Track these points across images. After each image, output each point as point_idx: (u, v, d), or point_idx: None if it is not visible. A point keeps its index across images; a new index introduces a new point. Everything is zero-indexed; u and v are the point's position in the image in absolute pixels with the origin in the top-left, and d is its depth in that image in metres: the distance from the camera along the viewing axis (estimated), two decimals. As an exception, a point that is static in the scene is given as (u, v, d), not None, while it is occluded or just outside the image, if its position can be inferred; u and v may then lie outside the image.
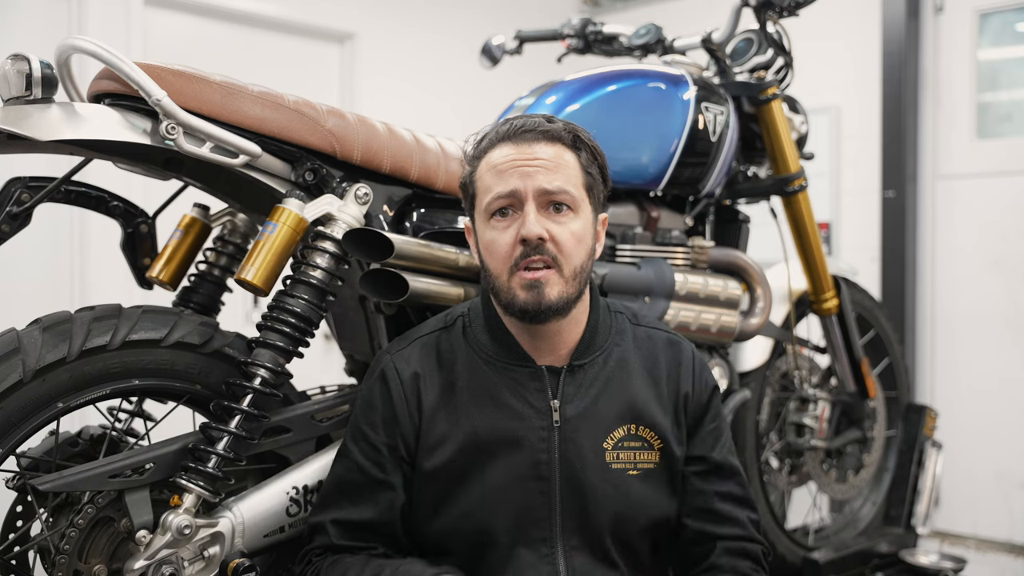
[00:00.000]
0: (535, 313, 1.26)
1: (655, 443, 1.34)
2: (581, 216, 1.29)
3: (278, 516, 1.38)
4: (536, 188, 1.26)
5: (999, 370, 3.44)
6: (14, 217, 1.33)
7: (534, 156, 1.27)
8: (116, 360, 1.31)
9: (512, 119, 1.33)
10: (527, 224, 1.24)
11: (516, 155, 1.27)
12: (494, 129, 1.33)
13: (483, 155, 1.32)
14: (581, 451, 1.29)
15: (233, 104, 1.33)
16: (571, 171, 1.29)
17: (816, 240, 2.18)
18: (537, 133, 1.28)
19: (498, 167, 1.28)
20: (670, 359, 1.39)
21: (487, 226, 1.30)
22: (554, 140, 1.29)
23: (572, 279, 1.27)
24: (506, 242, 1.27)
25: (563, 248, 1.26)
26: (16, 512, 1.37)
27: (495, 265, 1.29)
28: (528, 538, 1.29)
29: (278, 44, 3.64)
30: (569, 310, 1.29)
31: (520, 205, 1.27)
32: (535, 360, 1.32)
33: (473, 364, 1.33)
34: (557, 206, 1.27)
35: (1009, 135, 3.46)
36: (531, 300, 1.25)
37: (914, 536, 2.55)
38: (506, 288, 1.27)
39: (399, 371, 1.34)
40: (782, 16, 2.02)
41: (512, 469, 1.28)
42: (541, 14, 4.27)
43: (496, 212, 1.28)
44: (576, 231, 1.28)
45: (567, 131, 1.31)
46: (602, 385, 1.33)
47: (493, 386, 1.31)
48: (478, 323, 1.36)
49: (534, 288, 1.25)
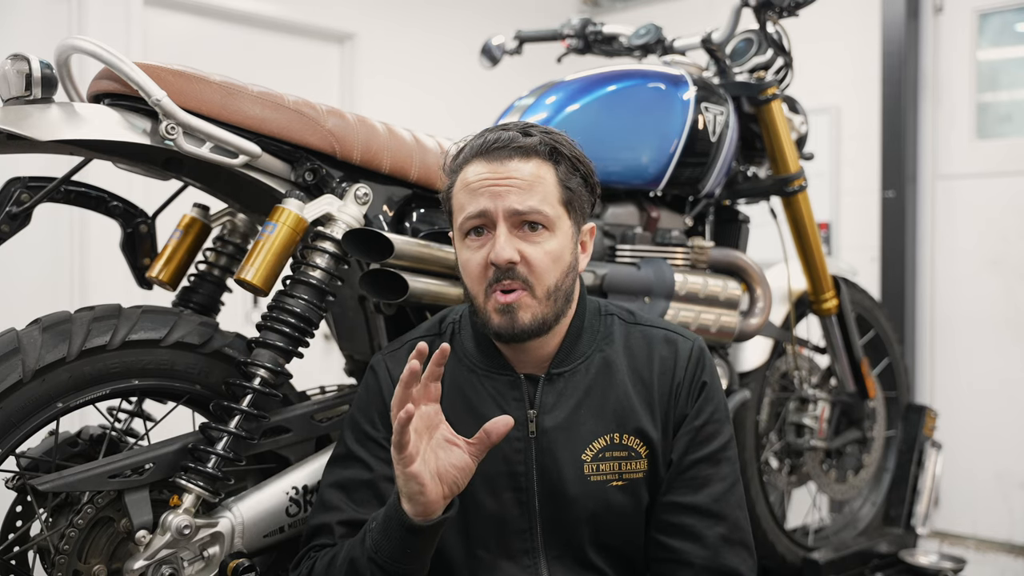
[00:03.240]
0: (509, 337, 1.24)
1: (642, 451, 1.28)
2: (558, 234, 1.25)
3: (278, 516, 1.38)
4: (507, 209, 1.21)
5: (999, 370, 3.44)
6: (14, 217, 1.33)
7: (507, 175, 1.22)
8: (116, 360, 1.31)
9: (488, 131, 1.28)
10: (496, 248, 1.21)
11: (488, 174, 1.23)
12: (469, 143, 1.28)
13: (459, 170, 1.27)
14: (558, 463, 1.26)
15: (233, 104, 1.33)
16: (547, 187, 1.24)
17: (816, 240, 2.18)
18: (511, 149, 1.23)
19: (471, 185, 1.24)
20: (665, 356, 1.32)
21: (462, 245, 1.27)
22: (529, 155, 1.24)
23: (546, 299, 1.23)
24: (478, 263, 1.23)
25: (535, 269, 1.22)
26: (16, 512, 1.37)
27: (471, 284, 1.26)
28: (509, 550, 1.27)
29: (278, 44, 3.64)
30: (547, 330, 1.26)
31: (492, 225, 1.22)
32: (516, 368, 1.30)
33: (457, 372, 1.32)
34: (532, 225, 1.22)
35: (1009, 135, 3.46)
36: (504, 324, 1.22)
37: (914, 536, 2.55)
38: (482, 309, 1.25)
39: (390, 370, 1.34)
40: (782, 16, 2.02)
41: (489, 481, 1.26)
42: (541, 14, 4.27)
43: (470, 231, 1.25)
44: (552, 250, 1.23)
45: (544, 144, 1.25)
46: (583, 394, 1.29)
47: (475, 395, 1.30)
48: (466, 331, 1.35)
49: (507, 312, 1.22)
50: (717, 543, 1.26)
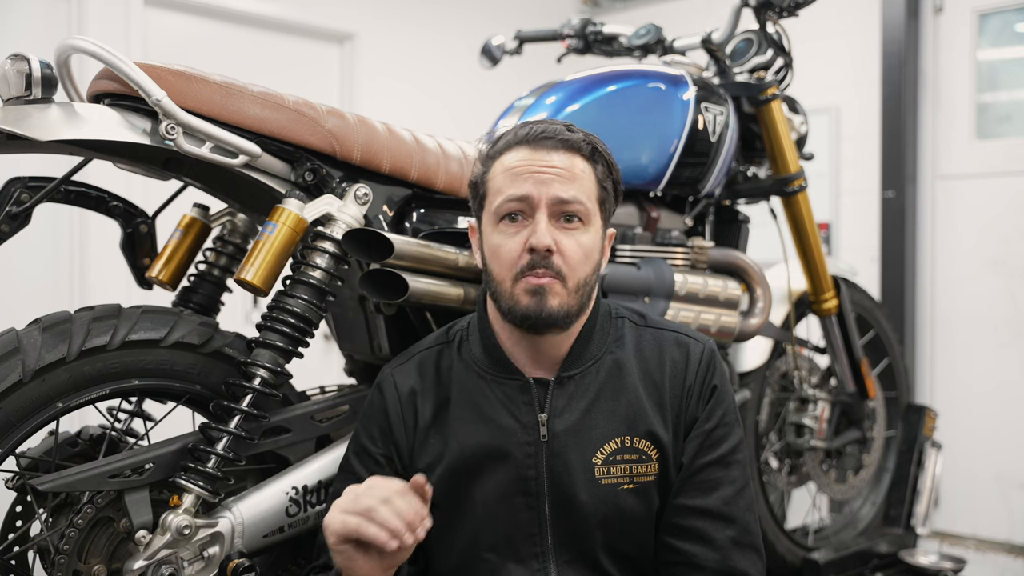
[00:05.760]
0: (535, 320, 1.22)
1: (653, 454, 1.27)
2: (591, 229, 1.26)
3: (278, 516, 1.38)
4: (550, 196, 1.22)
5: (999, 370, 3.44)
6: (14, 217, 1.33)
7: (551, 164, 1.23)
8: (116, 360, 1.31)
9: (532, 122, 1.29)
10: (537, 233, 1.21)
11: (532, 160, 1.23)
12: (512, 131, 1.28)
13: (498, 156, 1.27)
14: (569, 466, 1.25)
15: (233, 104, 1.33)
16: (586, 183, 1.25)
17: (816, 240, 2.18)
18: (556, 141, 1.24)
19: (513, 170, 1.24)
20: (676, 359, 1.32)
21: (495, 229, 1.26)
22: (573, 150, 1.25)
23: (575, 292, 1.24)
24: (513, 248, 1.23)
25: (569, 261, 1.23)
26: (16, 512, 1.38)
27: (499, 271, 1.25)
28: (519, 554, 1.26)
29: (278, 44, 3.64)
30: (569, 324, 1.26)
31: (531, 212, 1.23)
32: (525, 372, 1.29)
33: (466, 379, 1.31)
34: (568, 217, 1.23)
35: (1008, 135, 3.46)
36: (533, 307, 1.22)
37: (913, 536, 2.55)
38: (508, 293, 1.24)
39: (398, 386, 1.34)
40: (782, 16, 2.02)
41: (499, 485, 1.26)
42: (541, 14, 4.27)
43: (506, 216, 1.24)
44: (585, 244, 1.24)
45: (586, 142, 1.27)
46: (593, 396, 1.28)
47: (484, 400, 1.29)
48: (474, 336, 1.34)
49: (538, 295, 1.21)
50: (727, 546, 1.25)
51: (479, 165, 1.31)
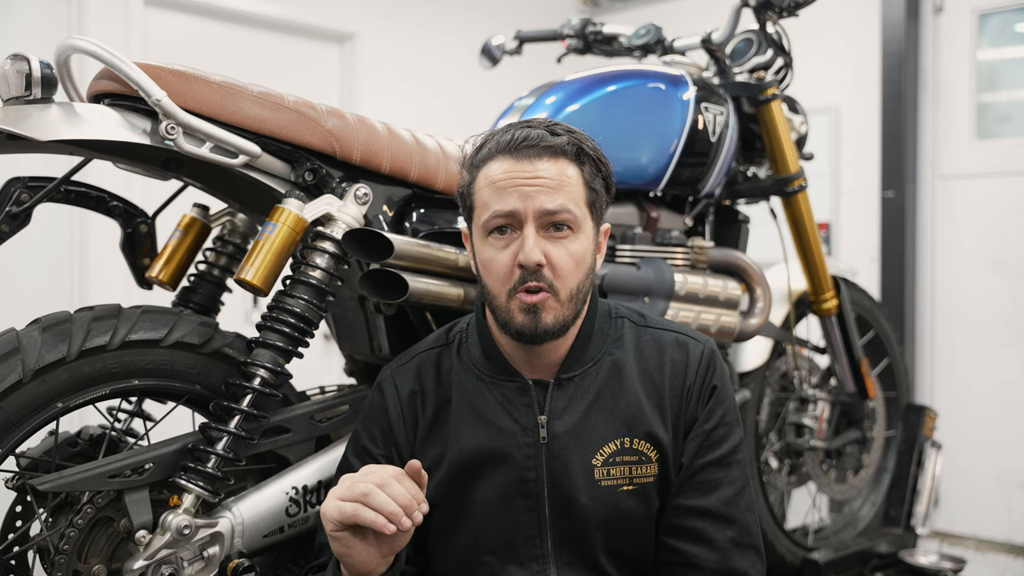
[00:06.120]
0: (531, 337, 1.22)
1: (652, 455, 1.27)
2: (581, 235, 1.24)
3: (278, 516, 1.38)
4: (536, 208, 1.20)
5: (999, 370, 3.44)
6: (14, 217, 1.33)
7: (535, 174, 1.20)
8: (116, 360, 1.31)
9: (514, 127, 1.25)
10: (525, 250, 1.19)
11: (516, 171, 1.21)
12: (495, 137, 1.25)
13: (482, 165, 1.25)
14: (569, 468, 1.24)
15: (233, 104, 1.33)
16: (574, 188, 1.23)
17: (816, 240, 2.18)
18: (540, 148, 1.21)
19: (498, 183, 1.21)
20: (676, 359, 1.31)
21: (484, 243, 1.24)
22: (557, 154, 1.22)
23: (568, 302, 1.23)
24: (504, 263, 1.21)
25: (560, 272, 1.21)
26: (16, 512, 1.37)
27: (493, 284, 1.24)
28: (519, 556, 1.26)
29: (278, 44, 3.64)
30: (565, 332, 1.25)
31: (519, 225, 1.21)
32: (524, 374, 1.29)
33: (466, 381, 1.31)
34: (558, 226, 1.21)
35: (1008, 135, 3.46)
36: (527, 324, 1.21)
37: (913, 536, 2.55)
38: (504, 308, 1.23)
39: (398, 387, 1.33)
40: (782, 16, 2.02)
41: (499, 487, 1.25)
42: (541, 14, 4.28)
43: (494, 230, 1.23)
44: (575, 252, 1.23)
45: (571, 143, 1.24)
46: (593, 398, 1.27)
47: (483, 403, 1.28)
48: (473, 339, 1.34)
49: (532, 312, 1.21)
50: (727, 547, 1.25)
51: (465, 172, 1.29)
